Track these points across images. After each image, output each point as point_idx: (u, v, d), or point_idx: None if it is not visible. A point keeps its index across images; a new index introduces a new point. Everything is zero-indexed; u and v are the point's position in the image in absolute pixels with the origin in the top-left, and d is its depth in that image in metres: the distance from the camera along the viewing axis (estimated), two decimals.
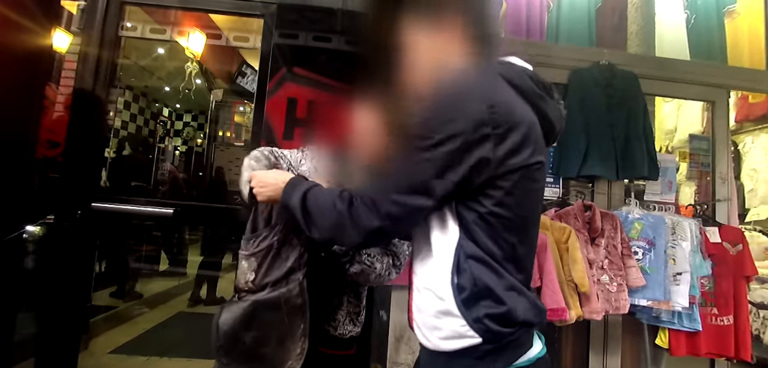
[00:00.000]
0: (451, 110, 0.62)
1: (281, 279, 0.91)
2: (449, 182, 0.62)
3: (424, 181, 0.63)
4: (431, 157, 0.62)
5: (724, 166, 2.11)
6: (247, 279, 0.91)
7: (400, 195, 0.64)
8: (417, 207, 0.64)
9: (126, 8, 1.85)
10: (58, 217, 1.68)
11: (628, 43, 2.35)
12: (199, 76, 4.42)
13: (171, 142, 7.18)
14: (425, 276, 0.71)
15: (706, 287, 1.80)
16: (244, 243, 0.95)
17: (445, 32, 0.71)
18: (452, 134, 0.61)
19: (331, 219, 0.69)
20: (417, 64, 0.72)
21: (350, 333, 1.13)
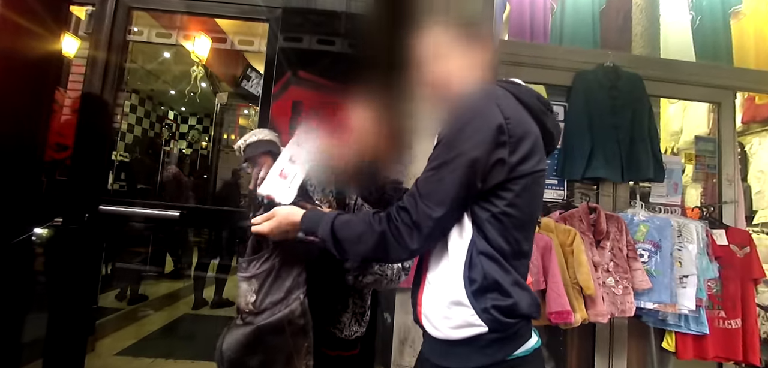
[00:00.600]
0: (476, 123, 0.70)
1: (282, 299, 0.92)
2: (475, 188, 0.70)
3: (457, 193, 0.70)
4: (462, 169, 0.69)
5: (730, 167, 2.09)
6: (248, 300, 0.92)
7: (437, 210, 0.70)
8: (452, 219, 0.73)
9: (133, 13, 1.88)
10: (65, 220, 1.70)
11: (633, 44, 2.34)
12: (204, 80, 4.46)
13: (176, 145, 7.23)
14: (439, 271, 0.76)
15: (713, 290, 1.79)
16: (245, 264, 0.95)
17: (482, 45, 0.81)
18: (478, 143, 0.69)
19: (371, 243, 0.74)
20: (431, 73, 0.81)
21: (356, 334, 1.15)
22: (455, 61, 0.80)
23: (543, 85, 2.15)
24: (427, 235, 0.71)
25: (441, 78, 0.81)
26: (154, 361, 2.48)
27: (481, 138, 0.69)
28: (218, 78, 4.64)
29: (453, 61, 0.80)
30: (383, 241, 0.72)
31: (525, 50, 2.14)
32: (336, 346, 1.13)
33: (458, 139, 0.70)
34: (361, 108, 1.06)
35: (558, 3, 2.32)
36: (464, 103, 0.72)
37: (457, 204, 0.71)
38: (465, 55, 0.80)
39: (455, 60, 0.80)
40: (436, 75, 0.81)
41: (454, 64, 0.80)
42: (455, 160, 0.69)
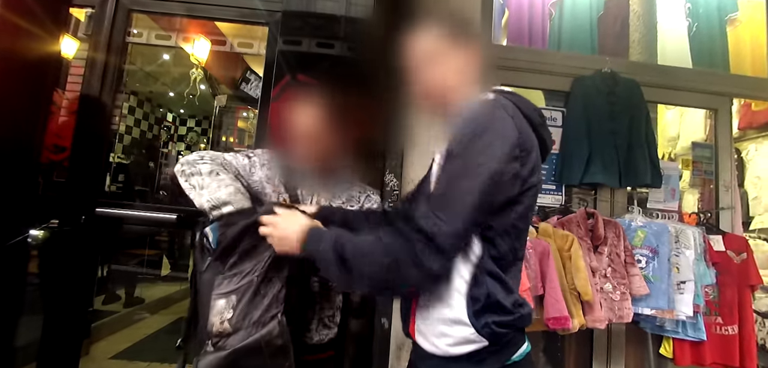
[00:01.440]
0: (492, 135, 0.68)
1: (259, 319, 0.86)
2: (497, 202, 0.69)
3: (478, 207, 0.67)
4: (482, 183, 0.66)
5: (727, 174, 2.10)
6: (224, 318, 0.85)
7: (459, 227, 0.66)
8: (470, 236, 0.70)
9: (133, 15, 1.88)
10: (62, 222, 1.69)
11: (630, 51, 2.36)
12: (203, 82, 4.45)
13: (174, 147, 7.22)
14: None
15: (711, 296, 1.79)
16: (220, 279, 0.87)
17: (471, 50, 0.79)
18: (497, 156, 0.67)
19: (383, 266, 0.67)
20: (426, 80, 0.79)
21: (328, 337, 1.14)
22: (446, 67, 0.78)
23: (541, 90, 2.16)
24: (450, 256, 0.67)
25: (434, 84, 0.79)
26: (150, 365, 2.46)
27: (500, 151, 0.67)
28: (217, 80, 4.64)
29: (444, 67, 0.78)
30: (397, 265, 0.66)
31: (523, 55, 2.15)
32: (309, 351, 1.10)
33: (476, 151, 0.67)
34: (353, 110, 1.08)
35: (556, 9, 2.34)
36: (477, 115, 0.70)
37: (477, 219, 0.68)
38: (456, 60, 0.78)
39: (446, 65, 0.78)
40: (429, 81, 0.79)
41: (446, 69, 0.78)
42: (475, 172, 0.66)
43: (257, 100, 1.88)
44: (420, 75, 0.79)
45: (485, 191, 0.66)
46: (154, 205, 3.28)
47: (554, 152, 2.00)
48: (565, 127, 2.01)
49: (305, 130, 1.05)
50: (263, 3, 1.81)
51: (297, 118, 1.08)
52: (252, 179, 1.06)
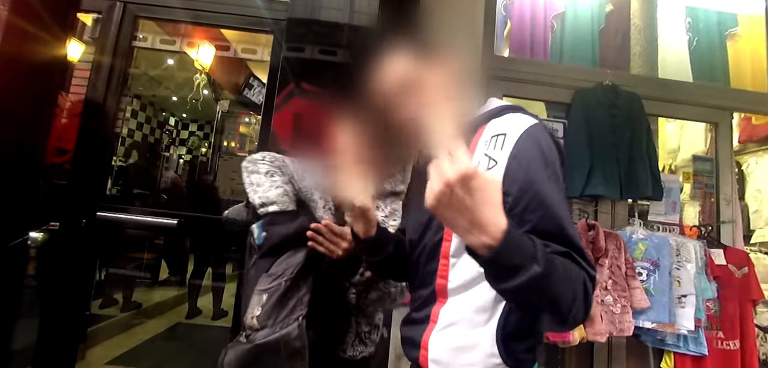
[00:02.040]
0: (554, 152, 0.66)
1: (283, 318, 0.91)
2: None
3: (567, 216, 0.62)
4: (561, 189, 0.64)
5: (728, 187, 2.10)
6: (254, 314, 0.92)
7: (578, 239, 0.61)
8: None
9: (139, 20, 1.90)
10: (62, 225, 1.69)
11: (631, 64, 2.38)
12: (206, 87, 4.48)
13: (176, 151, 7.23)
14: (459, 313, 0.68)
15: (712, 310, 1.78)
16: (263, 277, 0.95)
17: (444, 65, 0.73)
18: (560, 174, 0.65)
19: (575, 294, 0.55)
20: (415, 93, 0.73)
21: (362, 354, 1.11)
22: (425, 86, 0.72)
23: (543, 101, 2.17)
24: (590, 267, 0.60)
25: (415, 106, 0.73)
26: None
27: (557, 163, 0.65)
28: (220, 85, 4.67)
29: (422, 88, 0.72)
30: (584, 296, 0.56)
31: (525, 67, 2.17)
32: (340, 366, 1.09)
33: (548, 163, 0.63)
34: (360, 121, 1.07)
35: (558, 21, 2.36)
36: (531, 134, 0.66)
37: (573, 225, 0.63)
38: (435, 79, 0.71)
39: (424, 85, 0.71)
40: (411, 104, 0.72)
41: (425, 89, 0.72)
42: (560, 196, 0.62)
43: (260, 105, 1.89)
44: (418, 89, 0.74)
45: (563, 203, 0.63)
46: (155, 210, 3.28)
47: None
48: (566, 138, 2.02)
49: (353, 139, 1.04)
50: (269, 11, 1.83)
51: (342, 127, 1.07)
52: (303, 183, 1.09)
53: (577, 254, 0.58)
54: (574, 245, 0.59)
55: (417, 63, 0.75)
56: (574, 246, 0.58)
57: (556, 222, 0.60)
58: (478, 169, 0.50)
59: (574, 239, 0.59)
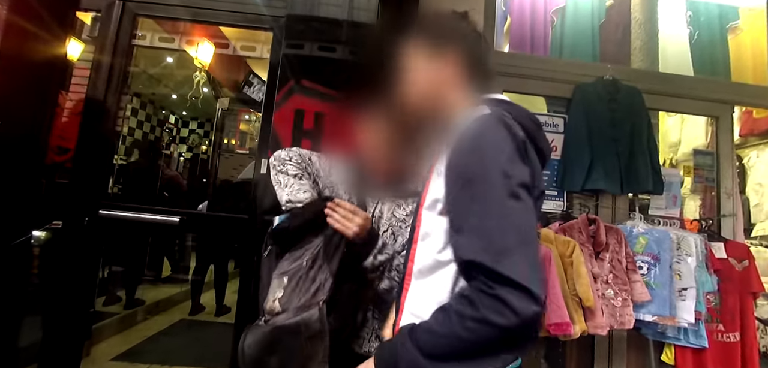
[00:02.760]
0: (503, 148, 0.62)
1: (305, 303, 0.92)
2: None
3: (525, 224, 0.59)
4: (516, 200, 0.59)
5: (728, 181, 2.10)
6: (275, 296, 0.94)
7: (522, 255, 0.56)
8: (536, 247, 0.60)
9: (138, 19, 1.89)
10: (65, 223, 1.70)
11: (632, 58, 2.37)
12: (206, 85, 4.48)
13: (176, 149, 7.24)
14: (420, 300, 0.69)
15: (712, 303, 1.79)
16: (283, 262, 0.98)
17: (449, 64, 0.76)
18: (514, 170, 0.61)
19: (461, 339, 0.56)
20: (419, 89, 0.77)
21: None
22: (426, 79, 0.76)
23: (543, 96, 2.17)
24: (529, 284, 0.54)
25: (418, 98, 0.77)
26: (150, 367, 2.46)
27: (513, 161, 0.61)
28: (220, 83, 4.66)
29: (424, 79, 0.76)
30: (473, 329, 0.55)
31: (525, 62, 2.17)
32: (355, 361, 1.09)
33: (496, 171, 0.59)
34: (366, 118, 1.08)
35: (558, 16, 2.36)
36: (471, 129, 0.64)
37: (532, 233, 0.60)
38: (436, 72, 0.76)
39: (426, 78, 0.76)
40: (412, 95, 0.77)
41: (426, 82, 0.76)
42: (498, 192, 0.58)
43: (260, 103, 1.89)
44: (403, 89, 0.78)
45: (520, 211, 0.59)
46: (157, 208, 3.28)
47: (556, 158, 2.01)
48: (566, 133, 2.02)
49: (376, 140, 1.06)
50: (267, 8, 1.83)
51: (367, 128, 1.09)
52: (330, 179, 1.12)
53: (483, 292, 0.55)
54: (477, 268, 0.56)
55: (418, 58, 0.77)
56: (482, 268, 0.55)
57: (464, 246, 0.59)
58: None
59: (478, 258, 0.56)
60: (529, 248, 0.57)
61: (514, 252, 0.56)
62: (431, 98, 0.77)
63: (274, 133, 1.70)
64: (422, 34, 0.78)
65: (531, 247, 0.58)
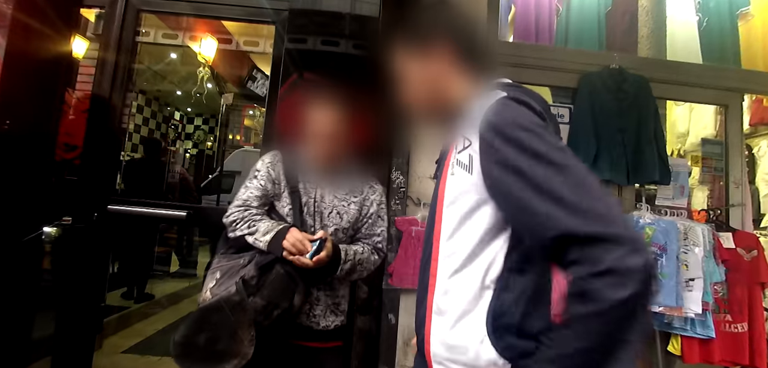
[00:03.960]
0: (535, 121, 0.60)
1: (225, 286, 1.06)
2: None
3: (590, 177, 0.54)
4: (569, 158, 0.56)
5: (737, 170, 2.07)
6: (209, 287, 1.08)
7: (606, 205, 0.51)
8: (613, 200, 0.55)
9: (142, 15, 1.90)
10: (74, 219, 1.73)
11: (639, 46, 2.33)
12: (210, 81, 4.50)
13: (182, 145, 7.29)
14: (450, 298, 0.66)
15: (720, 293, 1.77)
16: (221, 259, 1.13)
17: (441, 58, 0.74)
18: (552, 138, 0.58)
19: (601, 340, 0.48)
20: (417, 84, 0.76)
21: (334, 324, 1.19)
22: (429, 72, 0.74)
23: (548, 86, 2.15)
24: (630, 246, 0.48)
25: (420, 91, 0.75)
26: (161, 359, 2.51)
27: (548, 127, 0.60)
28: (224, 79, 4.68)
29: (426, 73, 0.74)
30: (608, 324, 0.48)
31: (530, 52, 2.14)
32: (316, 338, 1.17)
33: (545, 143, 0.56)
34: (361, 107, 1.11)
35: (563, 4, 2.32)
36: (496, 114, 0.61)
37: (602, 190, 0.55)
38: (438, 66, 0.74)
39: (429, 71, 0.74)
40: (415, 87, 0.76)
41: (429, 75, 0.74)
42: (560, 159, 0.54)
43: (264, 97, 1.90)
44: (406, 81, 0.77)
45: (573, 165, 0.55)
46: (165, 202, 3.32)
47: None
48: (572, 124, 2.00)
49: (316, 128, 1.15)
50: (269, 2, 1.82)
51: (308, 115, 1.16)
52: (279, 181, 1.20)
53: (581, 249, 0.49)
54: (570, 236, 0.50)
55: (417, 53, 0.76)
56: (571, 239, 0.50)
57: (544, 226, 0.53)
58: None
59: (562, 228, 0.50)
60: (607, 198, 0.52)
61: (599, 206, 0.51)
62: (431, 96, 0.75)
63: (278, 127, 1.70)
64: (407, 33, 0.76)
65: (608, 196, 0.53)
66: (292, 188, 1.16)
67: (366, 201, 1.21)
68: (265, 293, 1.04)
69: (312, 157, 1.18)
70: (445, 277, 0.68)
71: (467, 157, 0.64)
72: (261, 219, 1.13)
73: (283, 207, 1.17)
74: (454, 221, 0.66)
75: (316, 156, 1.17)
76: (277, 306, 1.04)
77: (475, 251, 0.64)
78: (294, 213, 1.15)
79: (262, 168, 1.19)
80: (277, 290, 1.05)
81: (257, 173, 1.19)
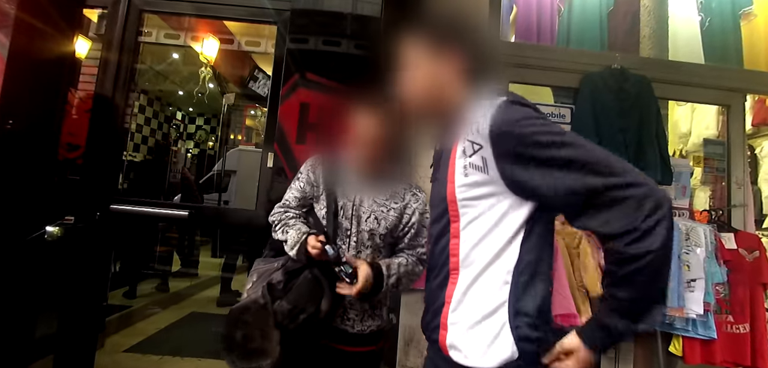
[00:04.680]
0: (542, 116, 0.68)
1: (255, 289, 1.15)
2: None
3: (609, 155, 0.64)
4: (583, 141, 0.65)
5: (740, 171, 2.07)
6: (246, 288, 1.17)
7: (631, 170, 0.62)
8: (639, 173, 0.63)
9: (144, 15, 1.91)
10: (77, 218, 1.73)
11: (641, 46, 2.33)
12: (212, 80, 4.51)
13: (184, 145, 7.31)
14: (471, 292, 0.72)
15: (722, 294, 1.77)
16: (258, 263, 1.21)
17: (451, 63, 0.77)
18: (558, 128, 0.67)
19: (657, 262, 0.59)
20: (420, 83, 0.79)
21: (370, 328, 1.18)
22: (432, 73, 0.77)
23: (549, 86, 2.14)
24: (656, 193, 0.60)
25: (422, 91, 0.78)
26: (162, 358, 2.51)
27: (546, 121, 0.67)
28: (226, 79, 4.69)
29: (429, 73, 0.77)
30: (657, 258, 0.59)
31: (531, 52, 2.14)
32: (352, 342, 1.17)
33: (545, 130, 0.65)
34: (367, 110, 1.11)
35: (565, 4, 2.32)
36: (509, 113, 0.68)
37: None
38: (443, 66, 0.77)
39: (432, 71, 0.77)
40: (417, 88, 0.79)
41: (432, 76, 0.77)
42: (572, 140, 0.65)
43: (265, 97, 1.90)
44: (408, 82, 0.79)
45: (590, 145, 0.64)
46: (167, 202, 3.33)
47: None
48: (573, 124, 1.99)
49: (358, 132, 1.15)
50: (271, 2, 1.83)
51: (350, 120, 1.17)
52: (318, 184, 1.22)
53: (624, 188, 0.60)
54: (614, 183, 0.60)
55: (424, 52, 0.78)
56: (615, 184, 0.60)
57: (582, 179, 0.62)
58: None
59: (603, 176, 0.61)
60: (618, 158, 0.62)
61: (613, 161, 0.62)
62: (433, 97, 0.78)
63: (280, 126, 1.71)
64: (425, 33, 0.79)
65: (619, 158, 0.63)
66: (328, 191, 1.17)
67: (407, 209, 1.18)
68: (291, 297, 1.08)
69: (353, 161, 1.18)
70: (465, 268, 0.73)
71: (480, 160, 0.69)
72: (295, 223, 1.17)
73: (320, 209, 1.18)
74: (471, 212, 0.71)
75: (357, 160, 1.17)
76: (303, 310, 1.07)
77: (495, 244, 0.70)
78: (328, 216, 1.15)
79: (303, 170, 1.23)
80: (303, 295, 1.08)
81: (300, 175, 1.23)
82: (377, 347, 1.23)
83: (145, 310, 3.31)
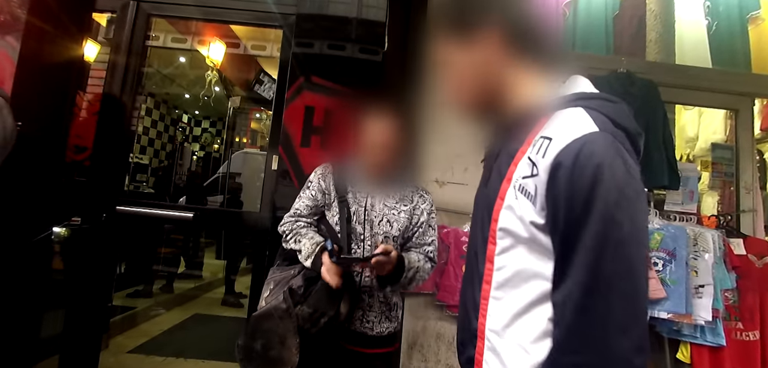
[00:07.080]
0: (610, 175, 0.55)
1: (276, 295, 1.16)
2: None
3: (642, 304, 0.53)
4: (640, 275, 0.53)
5: (748, 176, 2.04)
6: (263, 296, 1.18)
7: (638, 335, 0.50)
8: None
9: (152, 19, 1.93)
10: (83, 220, 1.75)
11: (647, 50, 2.31)
12: (218, 84, 4.55)
13: (190, 148, 7.37)
14: (503, 342, 0.59)
15: (731, 300, 1.74)
16: (275, 271, 1.22)
17: (487, 40, 0.63)
18: (642, 221, 0.58)
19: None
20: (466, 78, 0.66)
21: (388, 330, 1.21)
22: (474, 62, 0.63)
23: None
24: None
25: (467, 83, 0.65)
26: (166, 360, 2.52)
27: (642, 210, 0.53)
28: (231, 82, 4.73)
29: (469, 63, 0.64)
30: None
31: None
32: (371, 344, 1.19)
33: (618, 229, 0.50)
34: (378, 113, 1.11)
35: (570, 8, 2.31)
36: (578, 145, 0.52)
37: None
38: (481, 57, 0.63)
39: (473, 61, 0.63)
40: (459, 80, 0.65)
41: (473, 65, 0.63)
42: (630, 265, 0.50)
43: (271, 101, 1.92)
44: (449, 72, 0.66)
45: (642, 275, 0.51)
46: (172, 204, 3.36)
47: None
48: None
49: (368, 138, 1.16)
50: (277, 6, 1.84)
51: (360, 125, 1.19)
52: (329, 192, 1.23)
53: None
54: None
55: None
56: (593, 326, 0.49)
57: (582, 330, 0.50)
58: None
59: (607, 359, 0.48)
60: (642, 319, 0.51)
61: (634, 327, 0.49)
62: (478, 87, 0.64)
63: (285, 129, 1.72)
64: (449, 15, 0.65)
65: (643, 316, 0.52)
66: (340, 198, 1.19)
67: (416, 210, 1.21)
68: (311, 301, 1.10)
69: (363, 167, 1.20)
70: (496, 299, 0.61)
71: (533, 187, 0.55)
72: (307, 232, 1.18)
73: (332, 216, 1.20)
74: (507, 240, 0.59)
75: (367, 165, 1.19)
76: (323, 314, 1.09)
77: (528, 274, 0.57)
78: (341, 223, 1.17)
79: (313, 179, 1.24)
80: (323, 299, 1.09)
81: (310, 184, 1.24)
82: (394, 348, 1.26)
83: (149, 311, 3.33)
